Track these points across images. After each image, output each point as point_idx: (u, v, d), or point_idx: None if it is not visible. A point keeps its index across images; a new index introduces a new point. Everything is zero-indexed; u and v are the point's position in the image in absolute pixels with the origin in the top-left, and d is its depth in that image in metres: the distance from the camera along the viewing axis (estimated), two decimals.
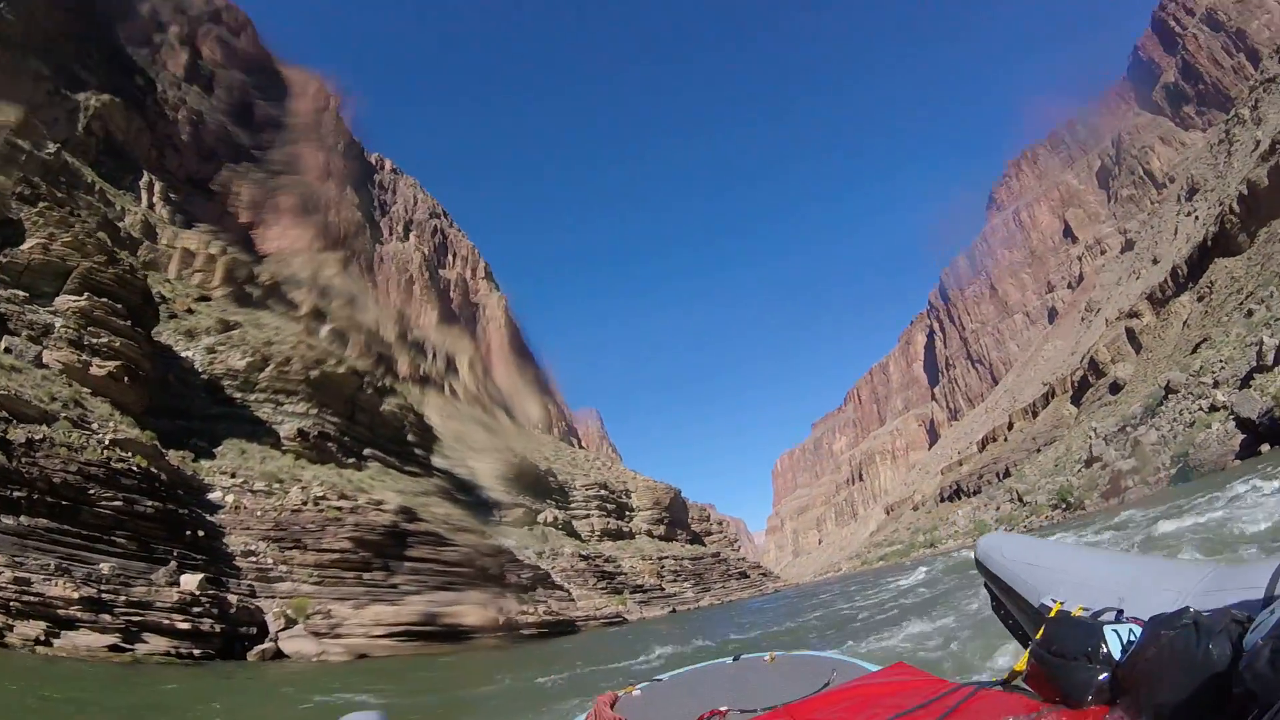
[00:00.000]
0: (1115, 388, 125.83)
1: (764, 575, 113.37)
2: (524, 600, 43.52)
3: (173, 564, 24.90)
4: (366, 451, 51.79)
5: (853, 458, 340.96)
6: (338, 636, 30.02)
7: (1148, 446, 59.71)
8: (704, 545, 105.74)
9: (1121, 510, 32.70)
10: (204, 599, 23.99)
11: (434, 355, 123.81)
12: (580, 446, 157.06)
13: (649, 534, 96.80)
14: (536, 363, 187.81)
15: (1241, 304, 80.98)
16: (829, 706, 2.76)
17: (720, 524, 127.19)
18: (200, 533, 28.83)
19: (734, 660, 4.41)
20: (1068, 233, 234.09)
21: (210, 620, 23.54)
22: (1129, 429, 73.70)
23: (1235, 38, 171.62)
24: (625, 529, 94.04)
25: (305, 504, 37.01)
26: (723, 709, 3.19)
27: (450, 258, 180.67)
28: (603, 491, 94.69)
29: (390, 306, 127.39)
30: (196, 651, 22.23)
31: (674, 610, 69.64)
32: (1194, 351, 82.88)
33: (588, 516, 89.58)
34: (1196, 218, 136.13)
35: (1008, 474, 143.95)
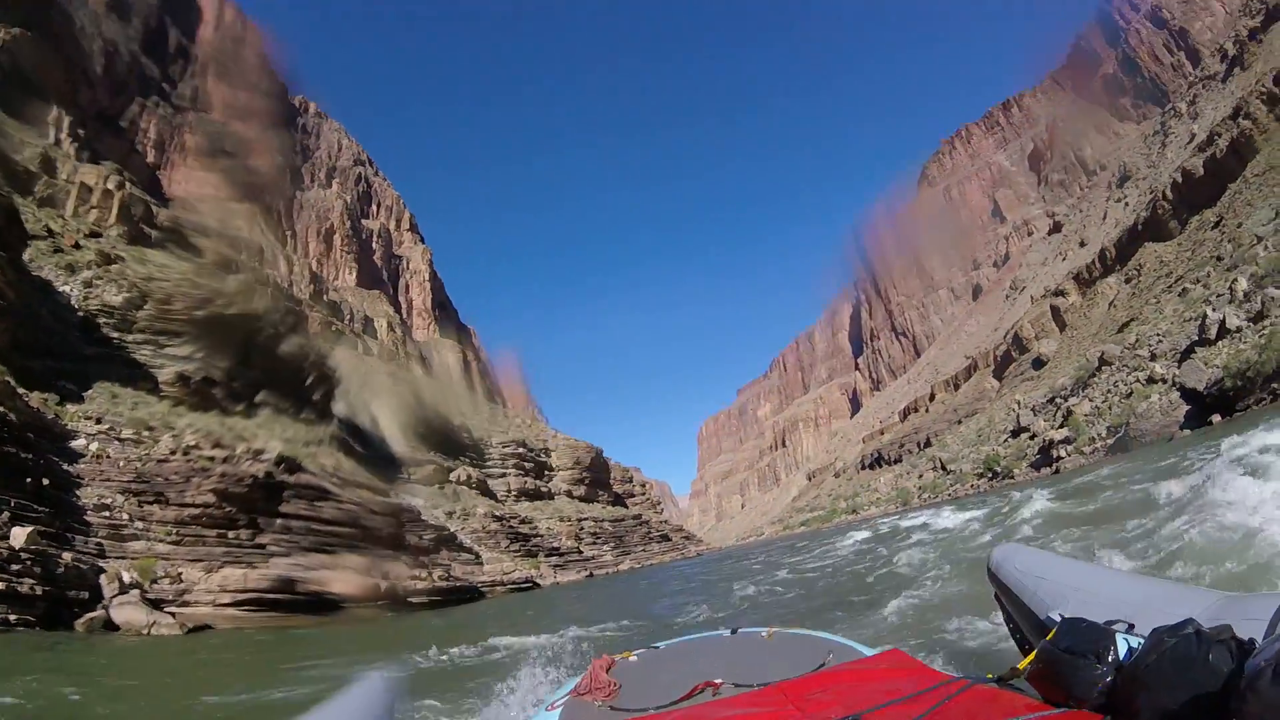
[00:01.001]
0: (1039, 363, 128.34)
1: (686, 539, 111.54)
2: (421, 564, 38.93)
3: (4, 514, 22.09)
4: (259, 397, 46.24)
5: (776, 424, 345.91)
6: (184, 605, 25.30)
7: (1081, 417, 59.61)
8: (626, 507, 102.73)
9: (1077, 478, 30.31)
10: (27, 555, 21.01)
11: (351, 316, 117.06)
12: (503, 404, 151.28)
13: (569, 495, 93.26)
14: (459, 319, 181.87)
15: (1170, 287, 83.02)
16: (823, 688, 2.91)
17: (643, 486, 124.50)
18: (46, 481, 25.79)
19: (731, 633, 4.52)
20: (996, 212, 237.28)
21: (32, 581, 20.62)
22: (1058, 400, 74.09)
23: (1177, 36, 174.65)
24: (544, 489, 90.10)
25: (174, 454, 32.81)
26: (717, 681, 3.35)
27: (374, 208, 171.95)
28: (521, 449, 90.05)
29: (307, 259, 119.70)
30: (12, 617, 19.52)
31: (591, 574, 66.45)
32: (1120, 330, 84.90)
33: (504, 475, 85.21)
34: (1127, 204, 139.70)
35: (929, 444, 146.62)
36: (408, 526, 44.22)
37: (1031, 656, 2.53)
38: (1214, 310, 49.31)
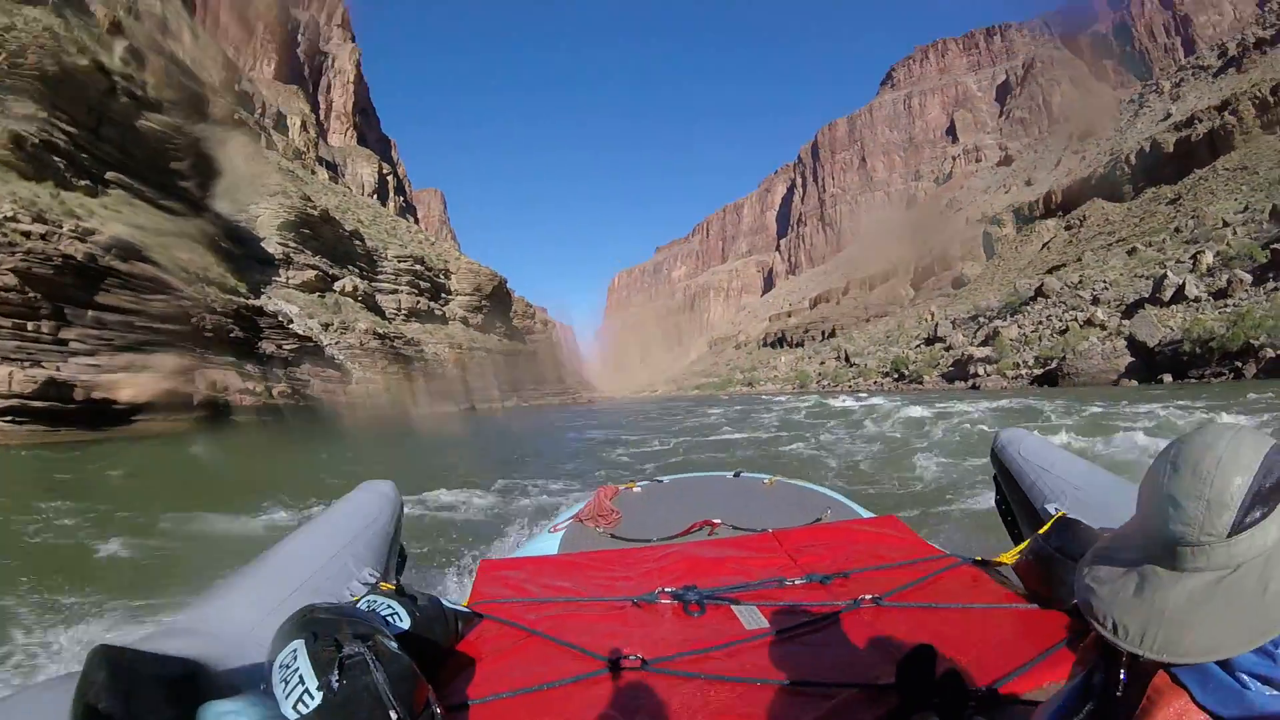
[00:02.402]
0: (959, 282, 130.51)
1: (580, 384, 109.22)
2: (268, 377, 32.99)
3: None
4: (110, 175, 38.12)
5: (689, 288, 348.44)
6: None
7: (1008, 341, 59.95)
8: (524, 344, 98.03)
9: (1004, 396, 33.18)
10: None
11: (263, 110, 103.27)
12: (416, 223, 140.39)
13: (464, 321, 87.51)
14: (381, 129, 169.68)
15: (1111, 245, 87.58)
16: (815, 541, 3.11)
17: (545, 324, 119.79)
18: None
19: (734, 476, 4.67)
20: (951, 131, 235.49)
21: None
22: (982, 320, 74.54)
23: (1180, 21, 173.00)
24: (437, 311, 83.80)
25: None
26: (716, 520, 3.51)
27: None
28: (417, 266, 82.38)
29: (223, 42, 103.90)
30: None
31: (473, 408, 62.36)
32: (1050, 272, 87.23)
33: (396, 292, 78.21)
34: (1083, 158, 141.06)
35: (833, 334, 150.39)
36: (266, 333, 38.66)
37: (1022, 547, 2.52)
38: (1173, 274, 50.84)
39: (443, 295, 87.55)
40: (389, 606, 1.97)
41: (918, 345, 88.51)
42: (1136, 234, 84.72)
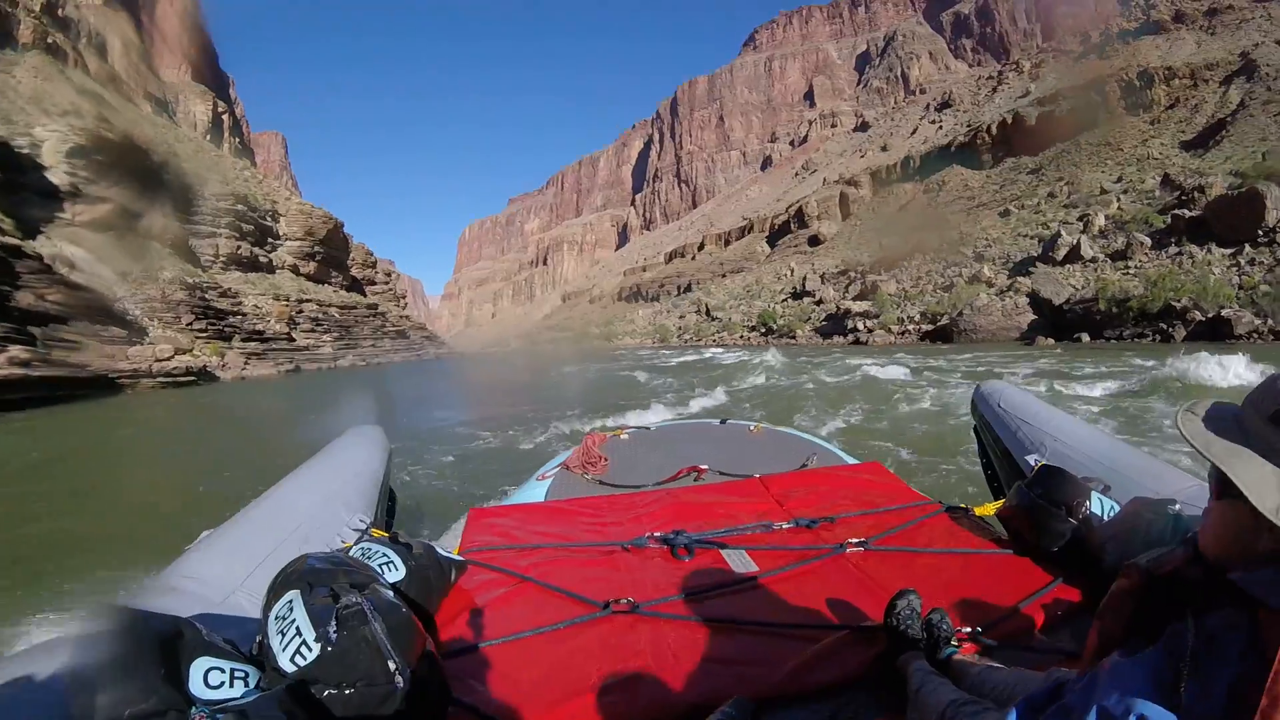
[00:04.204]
0: (815, 241, 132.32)
1: (427, 339, 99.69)
2: (12, 338, 24.00)
3: None
4: None
5: (542, 241, 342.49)
6: None
7: (887, 295, 59.61)
8: (364, 295, 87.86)
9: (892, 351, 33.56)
10: None
11: (80, 32, 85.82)
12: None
13: (295, 270, 77.01)
14: (218, 64, 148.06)
15: (972, 209, 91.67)
16: (801, 485, 3.19)
17: (389, 275, 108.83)
18: None
19: (721, 423, 4.77)
20: (809, 96, 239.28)
21: None
22: (853, 274, 74.19)
23: (1041, 10, 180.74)
24: (263, 259, 72.94)
25: None
26: (703, 466, 3.59)
27: None
28: (240, 206, 70.70)
29: None
30: None
31: (298, 368, 53.50)
32: (910, 232, 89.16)
33: (214, 235, 66.81)
34: (940, 127, 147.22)
35: (690, 289, 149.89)
36: (24, 280, 29.75)
37: (1005, 497, 2.55)
38: (1066, 234, 51.60)
39: (270, 240, 76.48)
40: (383, 554, 1.96)
41: (784, 299, 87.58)
42: (998, 200, 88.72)
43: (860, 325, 55.83)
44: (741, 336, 78.78)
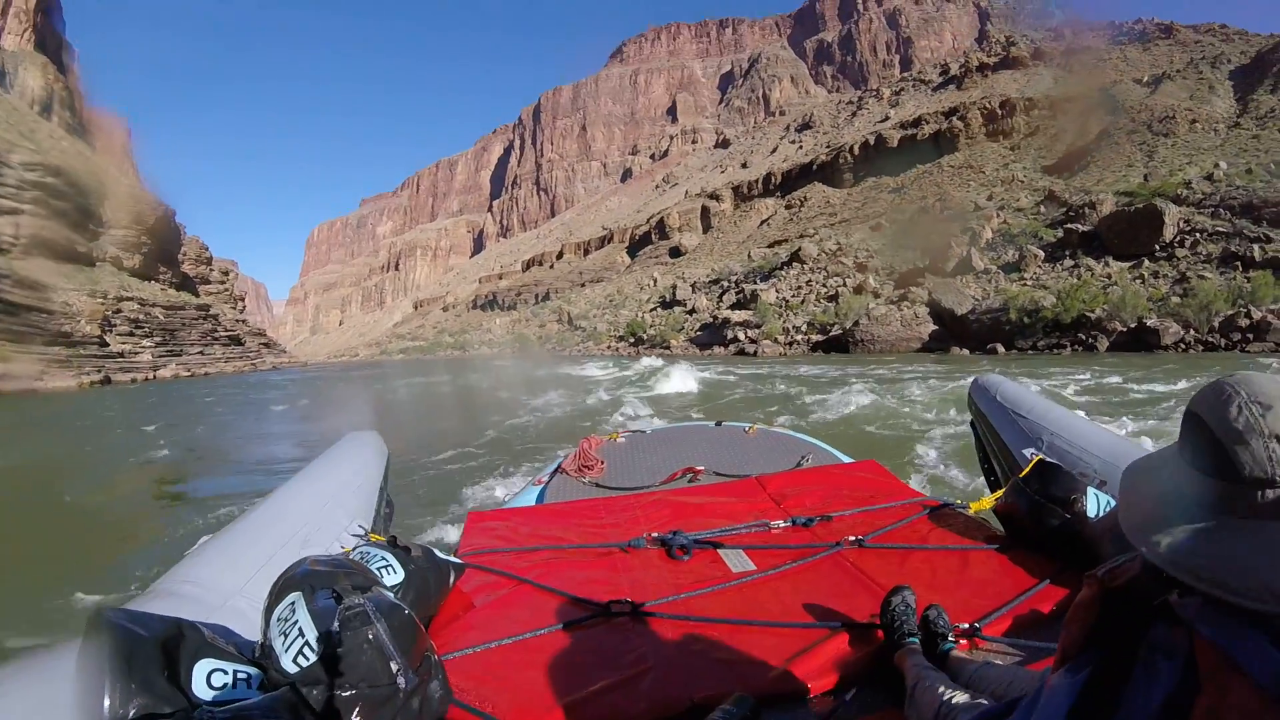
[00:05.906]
0: (676, 252, 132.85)
1: (265, 346, 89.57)
2: None
3: None
4: None
5: (394, 245, 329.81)
6: None
7: (768, 304, 58.65)
8: (196, 295, 77.47)
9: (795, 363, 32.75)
10: None
11: None
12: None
13: (117, 263, 67.76)
14: (63, 33, 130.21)
15: (834, 224, 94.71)
16: (798, 484, 3.19)
17: (226, 275, 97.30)
18: None
19: (716, 425, 4.74)
20: (672, 112, 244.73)
21: None
22: (725, 283, 73.80)
23: (902, 43, 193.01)
24: (81, 248, 63.18)
25: None
26: (699, 468, 3.59)
27: None
28: (54, 180, 59.83)
29: None
30: None
31: (108, 379, 45.08)
32: (772, 246, 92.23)
33: (17, 214, 56.75)
34: (801, 146, 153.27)
35: (548, 297, 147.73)
36: None
37: (1002, 491, 2.55)
38: (956, 246, 52.30)
39: (90, 225, 66.46)
40: (382, 558, 1.97)
41: (652, 309, 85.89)
42: (859, 216, 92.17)
43: (741, 335, 54.17)
44: (609, 346, 76.31)
